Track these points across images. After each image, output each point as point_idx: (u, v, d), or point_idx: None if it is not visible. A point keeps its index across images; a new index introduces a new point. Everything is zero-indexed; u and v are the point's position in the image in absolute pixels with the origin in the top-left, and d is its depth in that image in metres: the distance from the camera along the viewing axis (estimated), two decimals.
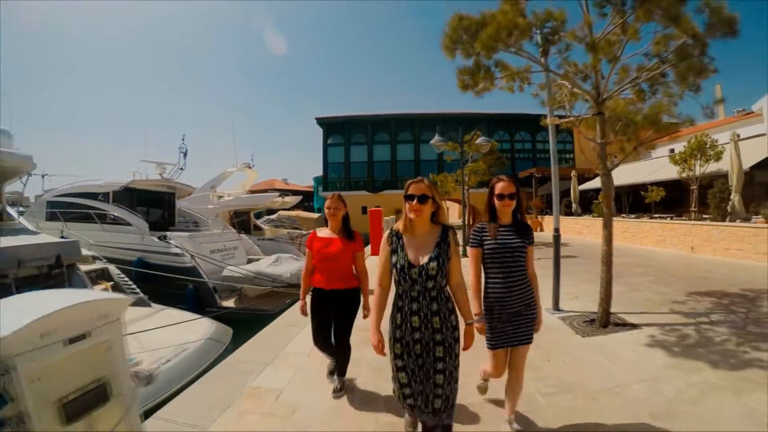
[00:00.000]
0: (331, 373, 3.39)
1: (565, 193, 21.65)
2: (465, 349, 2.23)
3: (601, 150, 4.72)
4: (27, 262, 6.00)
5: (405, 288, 2.19)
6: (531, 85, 5.15)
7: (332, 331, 3.23)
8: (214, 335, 5.85)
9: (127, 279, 7.61)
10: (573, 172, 20.98)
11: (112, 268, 7.77)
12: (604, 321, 4.64)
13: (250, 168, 16.81)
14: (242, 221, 16.82)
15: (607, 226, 4.69)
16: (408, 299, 2.18)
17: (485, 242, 2.50)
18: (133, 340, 4.56)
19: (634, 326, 4.74)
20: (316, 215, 21.25)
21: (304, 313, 3.31)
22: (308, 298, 3.32)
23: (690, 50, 3.95)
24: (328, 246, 3.11)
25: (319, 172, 33.95)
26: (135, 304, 7.02)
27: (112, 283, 7.42)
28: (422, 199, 2.14)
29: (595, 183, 20.83)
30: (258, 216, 19.51)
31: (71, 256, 6.63)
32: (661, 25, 3.80)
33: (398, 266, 2.18)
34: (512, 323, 2.49)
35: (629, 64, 4.72)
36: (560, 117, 5.48)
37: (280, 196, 18.47)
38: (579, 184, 21.24)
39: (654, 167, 17.72)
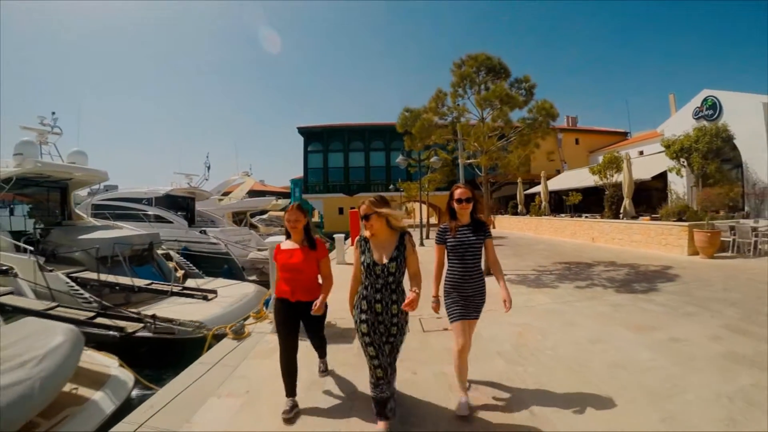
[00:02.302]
0: (285, 413, 2.97)
1: (512, 197, 25.66)
2: (407, 307, 2.44)
3: (485, 180, 8.38)
4: (135, 246, 9.21)
5: (371, 281, 2.65)
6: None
7: (307, 334, 3.30)
8: (259, 290, 9.17)
9: (184, 259, 10.78)
10: (519, 179, 24.90)
11: (173, 252, 10.94)
12: (485, 272, 8.36)
13: (248, 176, 20.03)
14: (241, 219, 20.03)
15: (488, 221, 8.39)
16: (373, 290, 2.65)
17: (448, 240, 2.98)
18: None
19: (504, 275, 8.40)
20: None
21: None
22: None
23: (528, 130, 7.63)
24: (292, 257, 3.12)
25: (295, 174, 37.04)
26: (194, 276, 10.26)
27: (175, 262, 10.61)
28: (368, 217, 2.64)
29: (538, 188, 24.86)
30: (251, 215, 22.70)
31: (157, 243, 9.85)
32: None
33: (365, 264, 2.64)
34: (467, 303, 2.98)
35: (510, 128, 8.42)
36: (469, 158, 9.13)
37: (276, 199, 21.83)
38: (525, 189, 25.23)
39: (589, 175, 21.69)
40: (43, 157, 11.11)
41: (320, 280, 3.26)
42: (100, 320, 5.89)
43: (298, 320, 3.15)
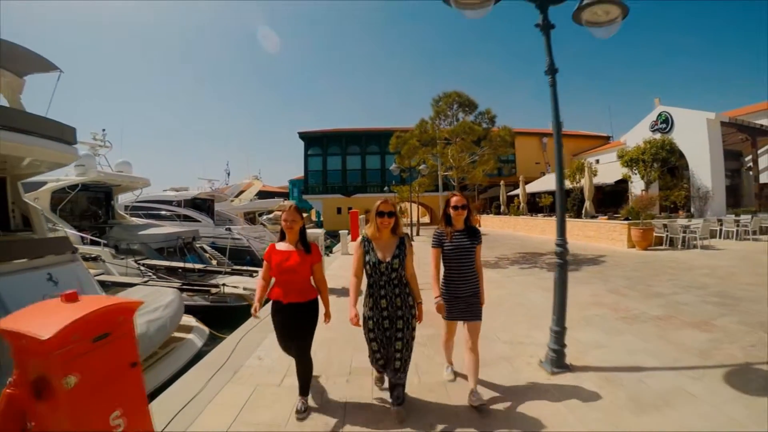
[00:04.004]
0: (299, 412, 3.17)
1: (498, 197, 28.16)
2: (419, 321, 3.07)
3: (458, 187, 10.82)
4: (184, 238, 11.56)
5: (375, 279, 2.96)
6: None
7: (292, 344, 3.25)
8: None
9: (216, 252, 13.14)
10: (502, 182, 27.39)
11: (206, 246, 13.29)
12: None
13: (257, 179, 22.49)
14: (250, 219, 22.42)
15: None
16: (377, 287, 2.96)
17: (444, 244, 3.24)
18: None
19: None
20: (305, 214, 27.19)
21: (255, 315, 3.26)
22: (266, 309, 3.49)
23: (490, 152, 10.09)
24: (287, 259, 3.15)
25: (293, 174, 39.41)
26: (224, 264, 12.58)
27: (209, 253, 12.96)
28: (390, 214, 2.97)
29: (518, 191, 27.37)
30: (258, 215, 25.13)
31: (198, 237, 12.21)
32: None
33: (371, 263, 2.94)
34: (463, 304, 3.26)
35: (478, 148, 10.88)
36: (449, 169, 11.59)
37: (283, 200, 24.30)
38: (508, 191, 27.72)
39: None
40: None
41: (313, 284, 3.31)
42: (186, 287, 8.27)
43: (292, 322, 3.20)
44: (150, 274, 9.37)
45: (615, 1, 3.99)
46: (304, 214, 4.73)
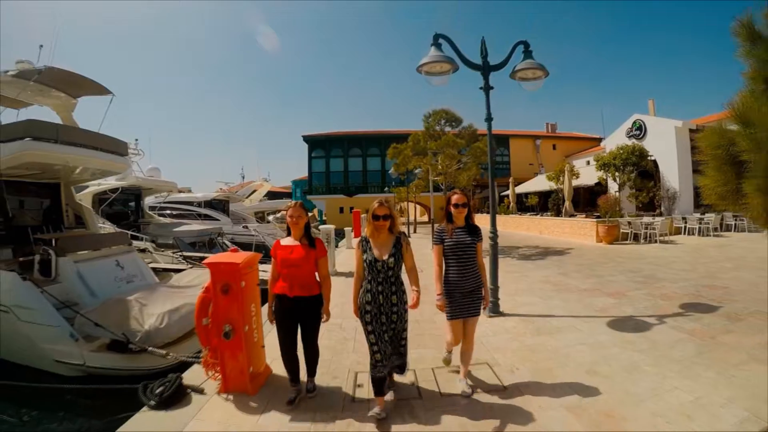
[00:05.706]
0: (289, 402, 3.32)
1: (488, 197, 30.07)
2: (412, 307, 3.17)
3: (448, 190, 12.78)
4: (212, 234, 13.52)
5: (373, 276, 3.10)
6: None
7: (299, 337, 3.40)
8: None
9: (236, 247, 15.06)
10: (495, 183, 29.22)
11: (226, 241, 15.21)
12: None
13: (267, 181, 24.52)
14: (260, 218, 24.42)
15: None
16: (375, 284, 3.10)
17: (445, 241, 3.35)
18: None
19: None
20: (310, 213, 29.33)
21: (272, 320, 3.42)
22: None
23: (472, 161, 12.08)
24: (292, 253, 3.28)
25: (295, 175, 41.31)
26: None
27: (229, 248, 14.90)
28: (386, 218, 3.09)
29: (507, 191, 29.26)
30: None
31: (223, 233, 14.18)
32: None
33: (368, 261, 3.09)
34: (465, 300, 3.35)
35: (462, 155, 12.86)
36: (438, 175, 13.55)
37: (291, 201, 26.35)
38: (500, 191, 29.64)
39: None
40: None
41: (318, 279, 3.42)
42: None
43: (297, 317, 3.34)
44: (191, 263, 11.31)
45: (538, 66, 6.01)
46: (310, 213, 5.48)
